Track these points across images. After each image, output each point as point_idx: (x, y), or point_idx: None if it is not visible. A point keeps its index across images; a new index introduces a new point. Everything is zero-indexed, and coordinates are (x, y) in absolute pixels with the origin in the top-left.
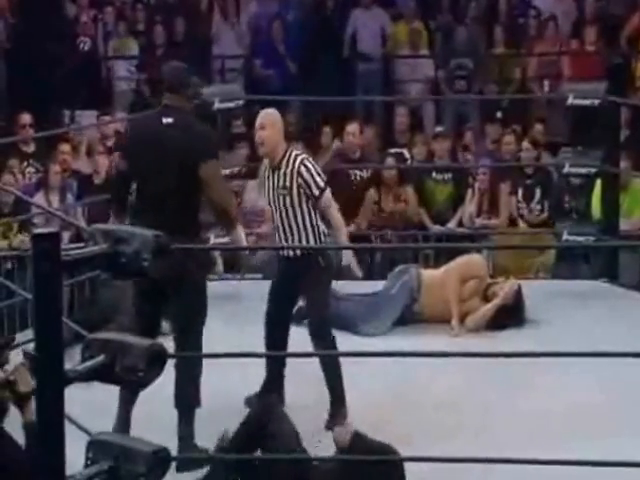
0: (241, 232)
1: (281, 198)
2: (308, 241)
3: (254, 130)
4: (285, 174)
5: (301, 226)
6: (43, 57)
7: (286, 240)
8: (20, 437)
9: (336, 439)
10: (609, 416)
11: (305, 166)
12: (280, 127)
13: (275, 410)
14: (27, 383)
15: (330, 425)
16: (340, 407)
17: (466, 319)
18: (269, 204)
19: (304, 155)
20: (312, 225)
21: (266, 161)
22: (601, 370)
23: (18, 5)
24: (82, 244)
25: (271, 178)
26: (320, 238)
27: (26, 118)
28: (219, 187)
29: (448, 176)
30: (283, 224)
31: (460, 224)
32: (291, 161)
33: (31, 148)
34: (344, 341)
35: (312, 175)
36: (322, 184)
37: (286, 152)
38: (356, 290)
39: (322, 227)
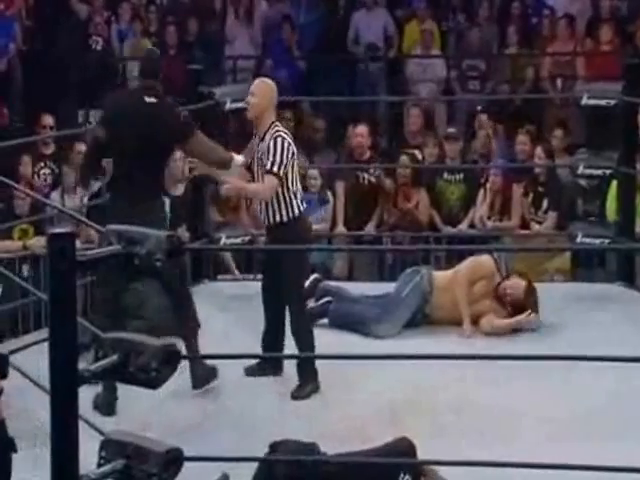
0: (237, 157)
1: (259, 168)
2: (279, 209)
3: None
4: (263, 146)
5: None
6: (58, 58)
7: (262, 207)
8: None
9: None
10: (626, 419)
11: (275, 141)
12: (270, 98)
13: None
14: None
15: (296, 395)
16: (310, 379)
17: (481, 321)
18: (251, 172)
19: (282, 132)
20: (282, 194)
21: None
22: (617, 373)
23: (33, 8)
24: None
25: (256, 148)
26: (288, 208)
27: (48, 119)
28: (209, 149)
29: (460, 177)
30: None
31: (472, 225)
32: (270, 134)
33: (50, 149)
34: (356, 343)
35: (275, 152)
36: (277, 166)
37: (271, 125)
38: (368, 292)
39: (291, 197)
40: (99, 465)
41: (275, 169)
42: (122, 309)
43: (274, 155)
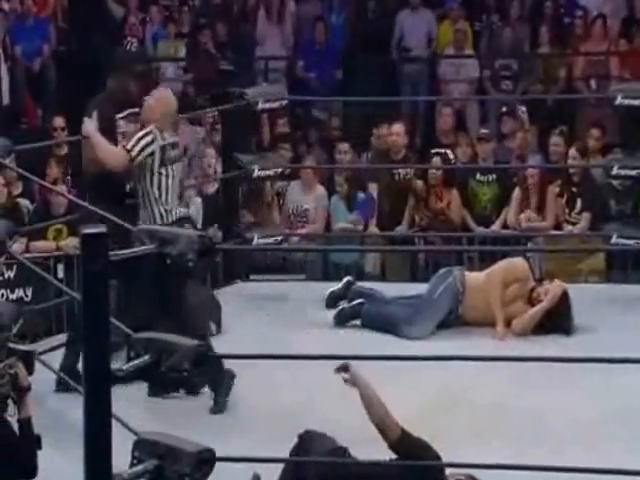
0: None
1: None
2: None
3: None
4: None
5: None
6: (92, 59)
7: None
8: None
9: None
10: None
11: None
12: (163, 104)
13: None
14: (25, 377)
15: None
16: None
17: (512, 323)
18: None
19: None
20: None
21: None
22: None
23: (67, 9)
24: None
25: None
26: (150, 216)
27: (59, 121)
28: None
29: (492, 177)
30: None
31: (505, 226)
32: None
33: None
34: (387, 343)
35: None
36: (131, 145)
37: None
38: (400, 293)
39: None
40: (132, 465)
41: (129, 146)
42: (154, 309)
43: (136, 139)
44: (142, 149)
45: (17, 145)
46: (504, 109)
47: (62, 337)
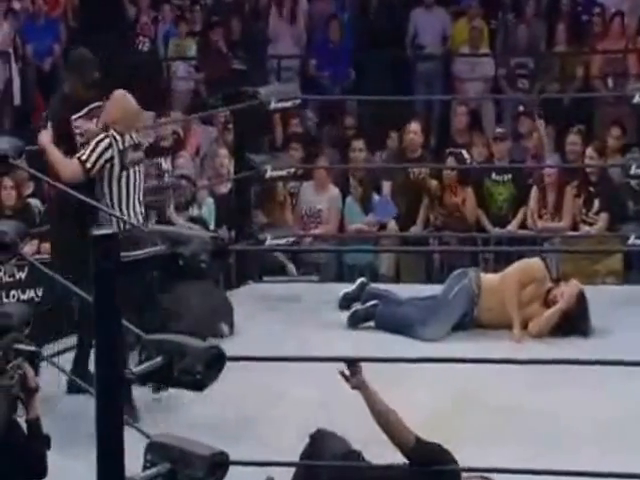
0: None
1: None
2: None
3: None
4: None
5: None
6: (103, 59)
7: None
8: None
9: None
10: None
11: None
12: (120, 106)
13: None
14: (33, 378)
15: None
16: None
17: (528, 325)
18: None
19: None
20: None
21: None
22: None
23: (79, 8)
24: None
25: None
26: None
27: None
28: None
29: (508, 177)
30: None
31: (521, 226)
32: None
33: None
34: (401, 345)
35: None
36: (87, 156)
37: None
38: (414, 294)
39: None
40: (144, 468)
41: (84, 157)
42: (165, 310)
43: (90, 148)
44: (98, 157)
45: (28, 145)
46: (520, 108)
47: (74, 339)
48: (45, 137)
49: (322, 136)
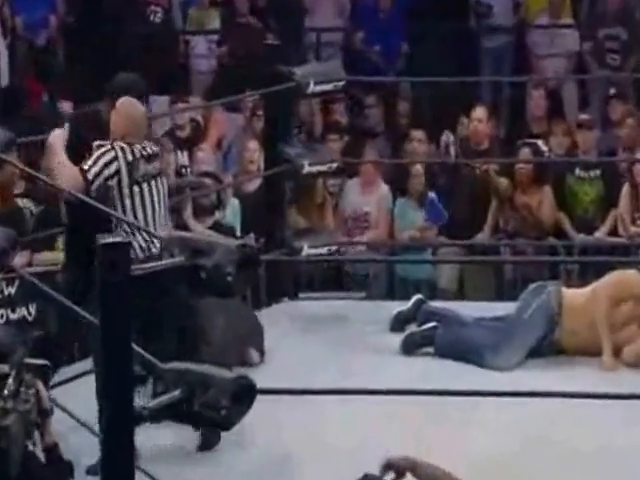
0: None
1: None
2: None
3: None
4: None
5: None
6: (108, 33)
7: None
8: None
9: None
10: None
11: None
12: (125, 115)
13: None
14: (46, 398)
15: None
16: None
17: (623, 351)
18: None
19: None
20: None
21: None
22: None
23: None
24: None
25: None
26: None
27: (65, 106)
28: None
29: (596, 173)
30: None
31: (612, 232)
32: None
33: None
34: (468, 375)
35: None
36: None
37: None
38: (482, 313)
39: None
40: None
41: (86, 165)
42: (186, 333)
43: (94, 157)
44: (101, 169)
45: (20, 136)
46: (611, 90)
47: (78, 366)
48: (58, 137)
49: (369, 124)
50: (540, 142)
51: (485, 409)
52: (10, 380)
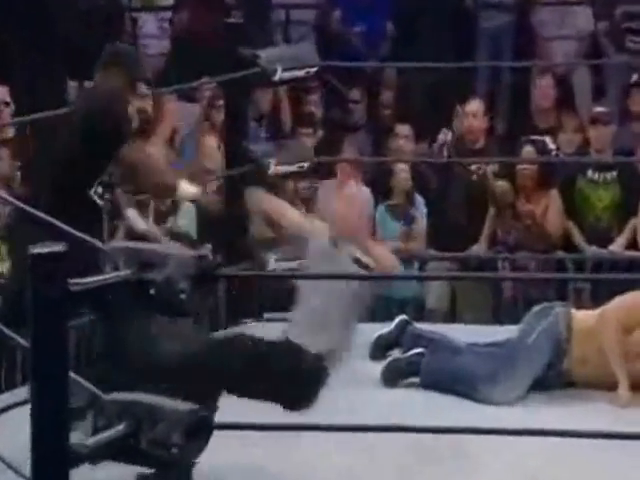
0: None
1: None
2: None
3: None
4: None
5: None
6: (40, 7)
7: None
8: None
9: None
10: None
11: None
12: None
13: None
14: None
15: None
16: None
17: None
18: None
19: None
20: None
21: None
22: None
23: None
24: None
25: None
26: None
27: (1, 92)
28: None
29: (612, 175)
30: None
31: (630, 245)
32: None
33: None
34: (459, 410)
35: None
36: None
37: None
38: (477, 338)
39: None
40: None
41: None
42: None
43: None
44: None
45: None
46: (634, 77)
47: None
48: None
49: (348, 117)
50: (546, 139)
51: (480, 449)
52: None
